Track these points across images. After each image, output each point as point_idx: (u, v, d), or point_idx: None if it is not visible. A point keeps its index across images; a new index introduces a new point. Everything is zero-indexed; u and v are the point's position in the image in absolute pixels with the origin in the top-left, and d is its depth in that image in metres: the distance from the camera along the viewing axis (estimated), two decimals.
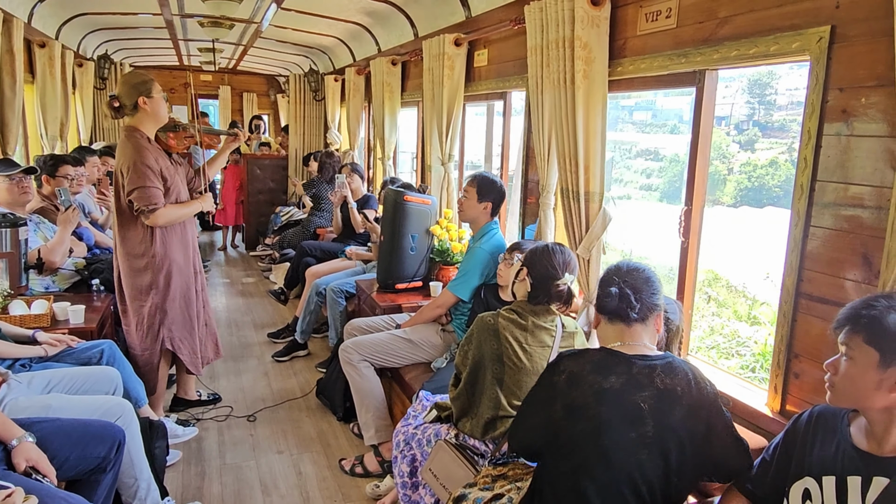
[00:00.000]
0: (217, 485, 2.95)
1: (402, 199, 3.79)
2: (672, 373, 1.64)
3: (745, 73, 8.49)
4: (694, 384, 1.64)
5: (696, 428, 1.62)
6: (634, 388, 1.62)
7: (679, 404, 1.61)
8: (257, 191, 7.98)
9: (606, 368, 1.66)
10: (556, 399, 1.68)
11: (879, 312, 1.34)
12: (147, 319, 3.13)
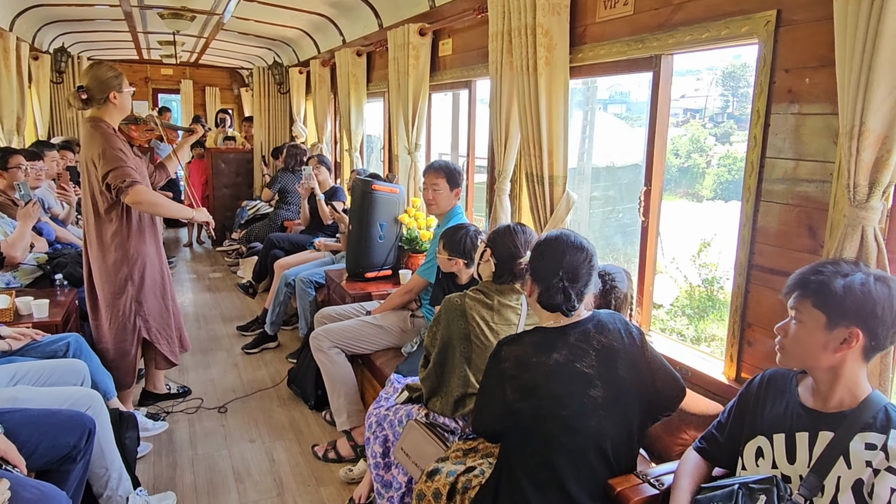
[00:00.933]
0: (189, 474, 2.94)
1: (369, 188, 3.81)
2: (604, 329, 1.75)
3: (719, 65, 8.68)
4: (625, 333, 1.77)
5: (641, 372, 1.74)
6: (577, 357, 1.72)
7: (619, 357, 1.73)
8: (223, 185, 7.88)
9: (548, 346, 1.74)
10: (506, 385, 1.75)
11: (827, 278, 1.42)
12: (124, 313, 3.12)
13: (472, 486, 1.90)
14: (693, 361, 2.20)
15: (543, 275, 1.79)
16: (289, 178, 6.08)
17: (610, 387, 1.72)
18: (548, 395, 1.70)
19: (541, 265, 1.80)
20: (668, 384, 1.79)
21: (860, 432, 1.40)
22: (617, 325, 1.80)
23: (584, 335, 1.75)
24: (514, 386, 1.72)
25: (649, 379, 1.77)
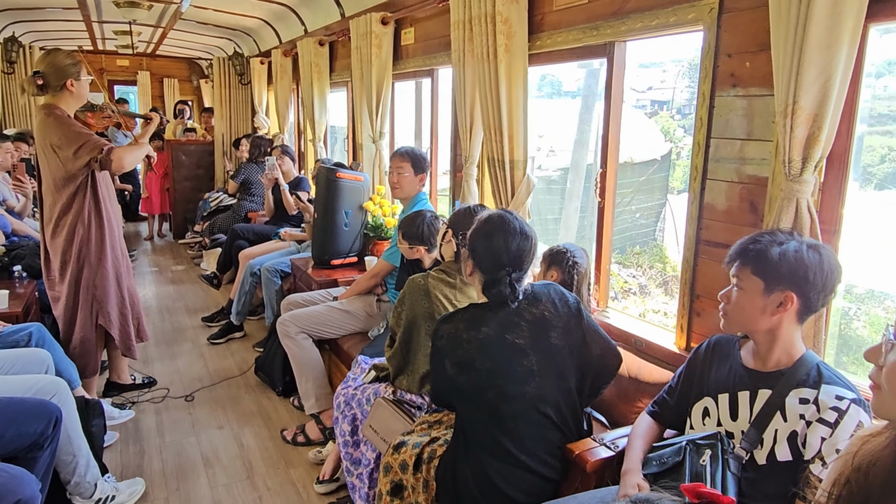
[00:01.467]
0: (158, 461, 2.95)
1: (334, 175, 3.84)
2: (536, 301, 1.85)
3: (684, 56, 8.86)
4: (559, 302, 1.87)
5: (574, 340, 1.85)
6: (507, 330, 1.81)
7: (551, 326, 1.83)
8: (183, 178, 7.76)
9: (479, 321, 1.83)
10: (445, 361, 1.85)
11: (764, 246, 1.53)
12: (83, 300, 3.09)
13: (436, 455, 1.98)
14: (647, 333, 2.31)
15: (487, 264, 1.84)
16: (252, 169, 6.04)
17: (543, 355, 1.82)
18: (482, 367, 1.80)
19: (482, 251, 1.85)
20: (605, 353, 1.91)
21: (795, 388, 1.52)
22: (551, 296, 1.89)
23: (515, 309, 1.84)
24: (451, 361, 1.83)
25: (585, 345, 1.88)
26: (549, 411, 1.82)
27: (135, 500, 2.63)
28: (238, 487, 2.76)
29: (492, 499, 1.80)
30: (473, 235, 1.91)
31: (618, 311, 2.61)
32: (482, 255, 1.87)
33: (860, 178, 12.95)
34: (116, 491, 2.58)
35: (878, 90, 14.25)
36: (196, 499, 2.67)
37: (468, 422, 1.86)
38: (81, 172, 2.93)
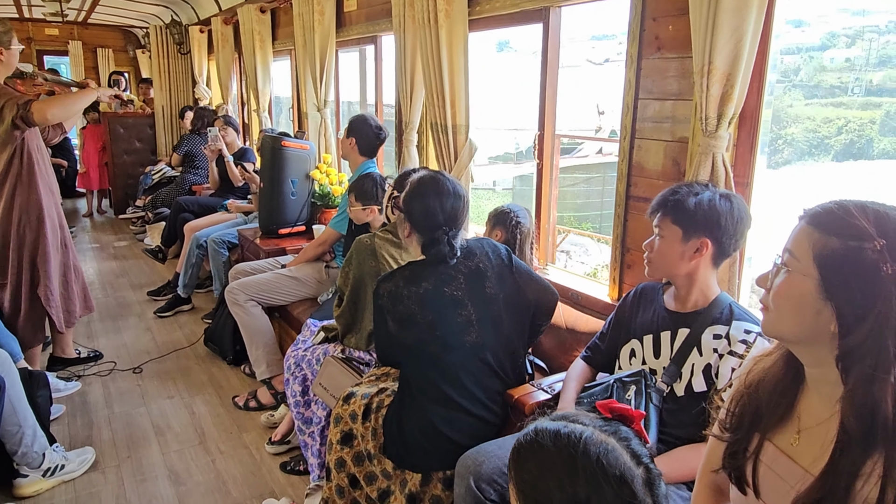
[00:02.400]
0: (107, 432, 2.95)
1: (279, 144, 3.82)
2: (471, 254, 1.95)
3: None
4: (491, 254, 1.97)
5: (508, 287, 1.96)
6: (444, 283, 1.91)
7: (486, 277, 1.93)
8: (122, 151, 7.52)
9: (416, 277, 1.92)
10: (387, 318, 1.93)
11: (682, 197, 1.65)
12: (21, 270, 3.02)
13: (384, 404, 2.06)
14: (583, 287, 2.44)
15: (423, 225, 1.91)
16: (195, 141, 5.92)
17: (480, 305, 1.92)
18: (423, 321, 1.88)
19: (418, 212, 1.91)
20: (540, 294, 2.03)
21: (710, 326, 1.65)
22: (484, 249, 2.00)
23: (452, 265, 1.93)
24: (392, 318, 1.90)
25: (520, 290, 1.99)
26: (488, 359, 1.93)
27: (85, 468, 2.63)
28: (190, 452, 2.79)
29: (436, 443, 1.90)
30: (407, 198, 1.96)
31: (559, 269, 2.74)
32: (418, 217, 1.93)
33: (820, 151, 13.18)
34: (65, 460, 2.59)
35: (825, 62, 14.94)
36: (148, 465, 2.70)
37: (412, 374, 1.95)
38: (12, 137, 2.84)
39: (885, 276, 0.90)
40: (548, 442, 0.82)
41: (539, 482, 0.80)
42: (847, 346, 0.94)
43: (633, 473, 0.78)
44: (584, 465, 0.77)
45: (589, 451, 0.78)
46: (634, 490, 0.76)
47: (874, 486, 0.92)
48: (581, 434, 0.80)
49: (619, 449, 0.80)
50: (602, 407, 0.90)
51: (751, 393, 1.14)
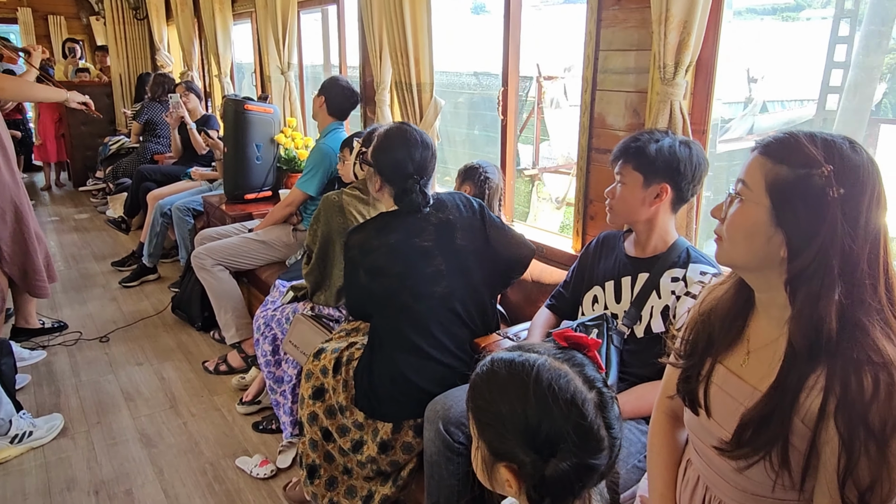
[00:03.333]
0: (75, 399, 2.93)
1: (242, 108, 3.76)
2: (442, 207, 1.97)
3: None
4: (463, 207, 2.00)
5: (478, 240, 1.99)
6: (414, 234, 1.93)
7: (456, 228, 1.96)
8: (80, 122, 7.28)
9: (387, 228, 1.94)
10: (358, 270, 1.94)
11: (643, 144, 1.69)
12: None
13: (354, 357, 2.09)
14: (548, 240, 2.49)
15: (394, 176, 1.92)
16: (156, 109, 5.76)
17: (449, 256, 1.95)
18: (393, 272, 1.91)
19: (387, 164, 1.92)
20: (515, 248, 2.06)
21: (668, 269, 1.71)
22: (456, 202, 2.02)
23: (424, 216, 1.96)
24: (363, 269, 1.92)
25: (490, 243, 2.02)
26: (457, 308, 1.96)
27: (54, 434, 2.61)
28: (161, 416, 2.79)
29: (406, 392, 1.94)
30: (376, 152, 1.96)
31: (522, 223, 2.77)
32: (388, 169, 1.94)
33: None
34: (34, 427, 2.57)
35: None
36: (119, 430, 2.69)
37: (382, 325, 1.98)
38: None
39: (831, 200, 0.95)
40: (502, 369, 0.84)
41: (491, 406, 0.83)
42: (795, 269, 0.99)
43: (584, 397, 0.80)
44: (536, 391, 0.79)
45: (541, 377, 0.80)
46: (584, 412, 0.78)
47: (816, 397, 0.98)
48: (534, 362, 0.82)
49: (571, 374, 0.82)
50: (558, 336, 0.93)
51: (704, 320, 1.19)
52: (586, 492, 0.86)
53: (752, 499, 1.09)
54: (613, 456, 0.82)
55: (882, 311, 0.97)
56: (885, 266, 0.98)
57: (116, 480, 2.36)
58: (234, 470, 2.42)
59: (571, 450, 0.77)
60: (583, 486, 0.81)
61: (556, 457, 0.77)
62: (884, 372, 0.93)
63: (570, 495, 0.81)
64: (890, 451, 0.93)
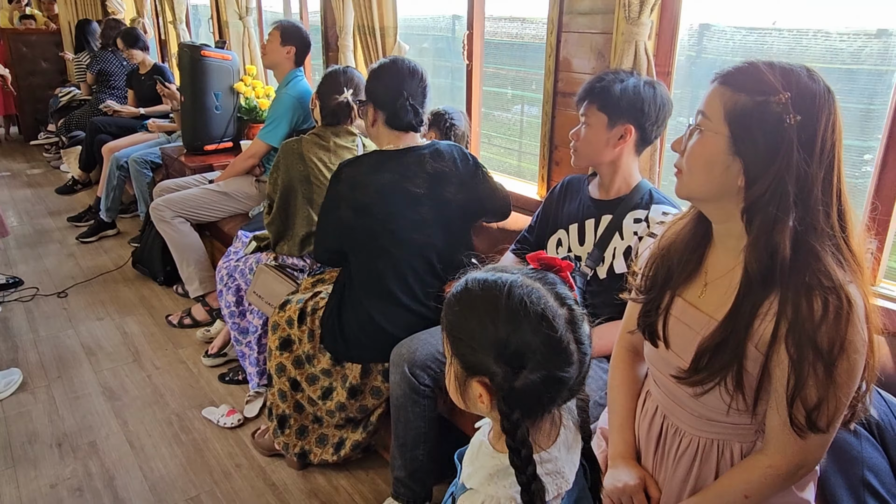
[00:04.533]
0: (34, 354, 2.86)
1: (199, 54, 3.60)
2: (440, 157, 1.95)
3: None
4: (460, 161, 1.98)
5: (468, 196, 1.98)
6: (407, 178, 1.90)
7: (448, 181, 1.94)
8: (28, 73, 6.95)
9: (380, 166, 1.90)
10: (341, 204, 1.90)
11: (607, 84, 1.67)
12: None
13: (319, 307, 2.08)
14: (513, 187, 2.47)
15: (386, 99, 1.90)
16: (108, 59, 5.51)
17: (436, 206, 1.93)
18: (379, 212, 1.87)
19: (380, 90, 1.91)
20: (498, 199, 2.08)
21: (631, 211, 1.72)
22: (453, 154, 1.99)
23: (418, 160, 1.93)
24: (348, 205, 1.88)
25: (478, 198, 2.02)
26: (433, 259, 1.96)
27: (12, 389, 2.56)
28: (125, 370, 2.75)
29: (373, 336, 1.94)
30: (369, 83, 1.94)
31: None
32: (380, 94, 1.91)
33: None
34: None
35: None
36: (80, 384, 2.65)
37: (356, 268, 1.96)
38: None
39: (788, 127, 0.95)
40: (475, 287, 0.84)
41: (464, 322, 0.83)
42: (752, 197, 1.00)
43: (554, 312, 0.80)
44: (507, 306, 0.79)
45: (513, 292, 0.80)
46: (554, 325, 0.79)
47: (769, 323, 1.01)
48: (507, 280, 0.82)
49: (542, 290, 0.82)
50: (532, 258, 0.92)
51: (663, 255, 1.21)
52: (556, 408, 0.87)
53: (708, 424, 1.13)
54: (583, 371, 0.83)
55: (834, 236, 0.99)
56: (839, 192, 1.00)
57: (80, 433, 2.33)
58: (201, 420, 2.41)
59: (541, 362, 0.78)
60: (552, 399, 0.82)
61: (525, 369, 0.78)
62: (833, 295, 0.96)
63: (540, 407, 0.82)
64: (836, 371, 0.96)
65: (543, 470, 0.82)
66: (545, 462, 0.83)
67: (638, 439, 1.28)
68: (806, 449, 1.03)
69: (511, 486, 0.80)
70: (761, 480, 1.06)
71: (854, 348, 0.97)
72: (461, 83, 2.76)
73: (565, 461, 0.87)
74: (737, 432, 1.12)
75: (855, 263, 1.01)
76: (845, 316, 0.96)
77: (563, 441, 0.89)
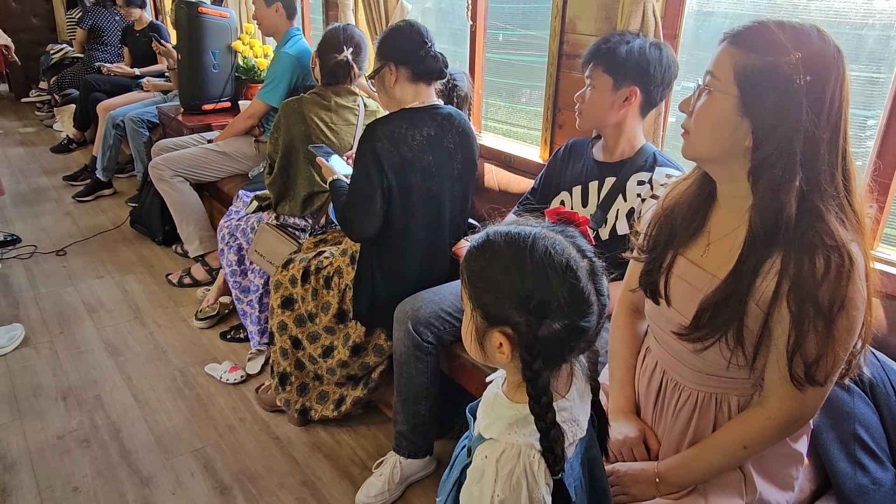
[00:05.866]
0: (35, 310, 2.88)
1: (195, 11, 3.54)
2: (459, 116, 1.97)
3: None
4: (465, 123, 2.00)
5: (475, 154, 2.03)
6: (444, 133, 1.92)
7: (470, 138, 1.98)
8: (17, 29, 6.79)
9: (419, 121, 1.89)
10: (381, 163, 1.83)
11: (613, 45, 1.67)
12: None
13: (323, 266, 2.10)
14: (516, 150, 2.48)
15: (407, 53, 1.86)
16: (101, 14, 5.40)
17: (463, 162, 1.97)
18: (419, 165, 1.87)
19: (400, 46, 1.88)
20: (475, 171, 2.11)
21: (635, 173, 1.73)
22: (462, 115, 2.02)
23: (447, 117, 1.94)
24: (389, 161, 1.83)
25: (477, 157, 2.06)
26: (456, 216, 2.02)
27: (15, 344, 2.58)
28: (126, 327, 2.78)
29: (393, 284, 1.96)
30: (383, 44, 1.91)
31: (489, 133, 2.76)
32: (399, 51, 1.88)
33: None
34: None
35: None
36: (83, 339, 2.67)
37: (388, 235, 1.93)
38: None
39: (798, 87, 0.96)
40: (499, 240, 0.84)
41: (488, 273, 0.84)
42: (759, 158, 1.01)
43: (577, 263, 0.82)
44: (532, 258, 0.81)
45: (537, 244, 0.81)
46: (578, 276, 0.80)
47: (771, 281, 1.03)
48: (531, 232, 0.83)
49: (565, 242, 0.83)
50: (550, 213, 0.94)
51: (667, 215, 1.22)
52: (574, 358, 0.89)
53: (707, 378, 1.17)
54: (601, 321, 0.85)
55: (838, 196, 1.01)
56: (844, 153, 1.01)
57: (84, 387, 2.36)
58: (204, 376, 2.44)
59: (564, 311, 0.80)
60: (572, 347, 0.84)
61: (549, 318, 0.80)
62: (835, 254, 0.98)
63: (560, 356, 0.84)
64: (836, 327, 0.99)
65: (560, 418, 0.84)
66: (562, 410, 0.86)
67: (638, 394, 1.32)
68: (804, 402, 1.06)
69: (531, 435, 0.83)
70: (760, 432, 1.10)
71: (854, 305, 0.99)
72: (464, 50, 2.73)
73: (579, 409, 0.90)
74: (735, 386, 1.15)
75: (857, 223, 1.03)
76: (846, 274, 0.98)
77: (577, 390, 0.92)
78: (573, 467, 0.89)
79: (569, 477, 0.87)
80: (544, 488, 0.80)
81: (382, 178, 1.85)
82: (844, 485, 1.26)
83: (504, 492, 0.79)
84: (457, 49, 2.92)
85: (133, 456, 2.04)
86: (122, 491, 1.90)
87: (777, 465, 1.20)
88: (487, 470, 0.82)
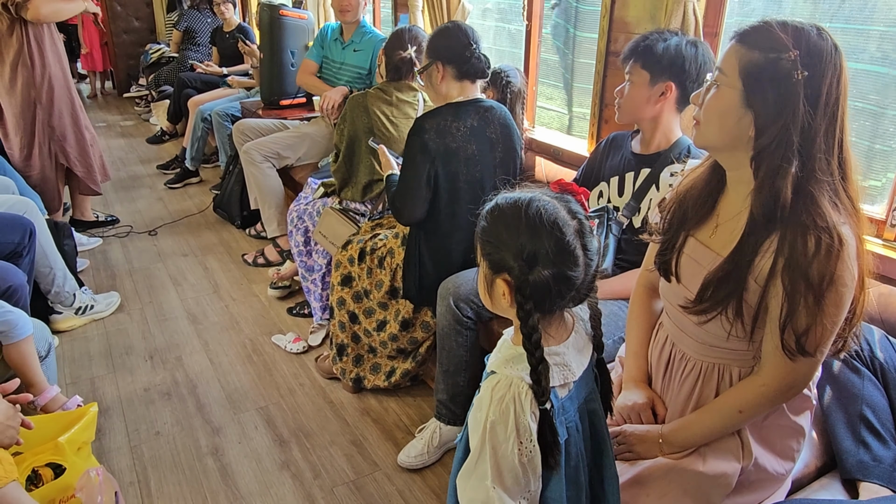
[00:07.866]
0: (129, 282, 3.23)
1: (277, 14, 3.84)
2: (500, 109, 2.11)
3: None
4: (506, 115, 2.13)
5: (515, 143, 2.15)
6: (486, 124, 2.08)
7: (511, 129, 2.12)
8: (122, 31, 7.46)
9: (463, 114, 2.05)
10: (429, 154, 2.01)
11: (651, 42, 1.76)
12: (38, 139, 3.18)
13: (377, 247, 2.29)
14: (565, 143, 2.59)
15: (454, 53, 2.03)
16: (195, 17, 5.86)
17: (504, 152, 2.12)
18: (464, 154, 2.04)
19: (447, 47, 2.04)
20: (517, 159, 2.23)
21: (668, 165, 1.82)
22: (504, 109, 2.16)
23: (489, 109, 2.10)
24: (436, 151, 2.00)
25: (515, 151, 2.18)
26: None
27: (112, 309, 2.93)
28: (206, 299, 3.08)
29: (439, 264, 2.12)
30: (433, 43, 2.07)
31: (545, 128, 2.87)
32: (446, 51, 2.04)
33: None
34: (94, 301, 2.87)
35: None
36: (169, 308, 2.99)
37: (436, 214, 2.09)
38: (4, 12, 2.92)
39: (796, 82, 1.06)
40: (504, 203, 1.02)
41: (492, 229, 1.01)
42: (760, 146, 1.11)
43: (564, 221, 0.97)
44: (527, 216, 0.97)
45: (532, 206, 0.98)
46: (563, 231, 0.96)
47: (768, 259, 1.12)
48: (529, 196, 1.00)
49: (557, 205, 0.99)
50: (553, 184, 1.08)
51: (680, 200, 1.33)
52: (566, 307, 1.03)
53: (710, 349, 1.26)
54: (590, 274, 0.98)
55: (832, 182, 1.09)
56: (841, 143, 1.09)
57: (168, 349, 2.66)
58: (271, 345, 2.69)
59: (551, 260, 0.95)
60: (560, 293, 0.98)
61: (538, 265, 0.95)
62: (826, 234, 1.07)
63: (549, 301, 0.98)
64: (825, 302, 1.08)
65: (552, 361, 0.98)
66: (553, 354, 1.00)
67: (650, 365, 1.42)
68: (796, 371, 1.15)
69: (523, 370, 0.97)
70: (754, 398, 1.19)
71: (842, 282, 1.07)
72: (520, 51, 2.86)
73: (573, 358, 1.03)
74: (736, 357, 1.24)
75: (851, 207, 1.11)
76: (836, 253, 1.06)
77: (573, 343, 1.05)
78: (566, 409, 1.02)
79: (560, 416, 1.00)
80: (530, 416, 0.94)
81: (429, 167, 2.02)
82: (846, 461, 1.33)
83: (495, 414, 0.94)
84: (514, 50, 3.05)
85: (206, 409, 2.30)
86: (195, 437, 2.16)
87: (777, 436, 1.28)
88: (484, 396, 0.97)
